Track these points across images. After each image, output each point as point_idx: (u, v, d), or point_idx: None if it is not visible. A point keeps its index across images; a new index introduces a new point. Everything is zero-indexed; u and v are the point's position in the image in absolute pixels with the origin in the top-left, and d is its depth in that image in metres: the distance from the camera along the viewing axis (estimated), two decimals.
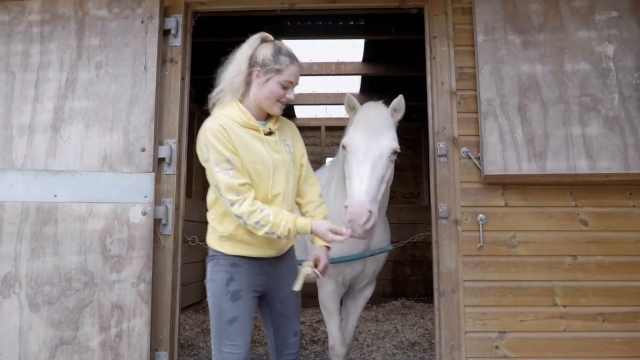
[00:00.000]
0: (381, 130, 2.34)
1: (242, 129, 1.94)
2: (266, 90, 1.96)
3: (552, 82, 2.78)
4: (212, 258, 2.02)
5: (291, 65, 1.97)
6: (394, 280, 6.53)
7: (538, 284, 2.72)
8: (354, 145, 2.32)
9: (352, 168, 2.26)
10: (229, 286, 1.94)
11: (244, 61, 1.98)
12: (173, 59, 2.90)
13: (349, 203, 2.09)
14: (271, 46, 1.99)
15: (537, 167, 2.69)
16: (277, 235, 1.88)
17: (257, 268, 1.99)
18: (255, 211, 1.86)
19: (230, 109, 1.98)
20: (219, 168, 1.88)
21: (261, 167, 1.94)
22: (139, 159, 2.72)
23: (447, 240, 2.77)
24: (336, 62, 5.65)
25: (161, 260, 2.74)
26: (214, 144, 1.89)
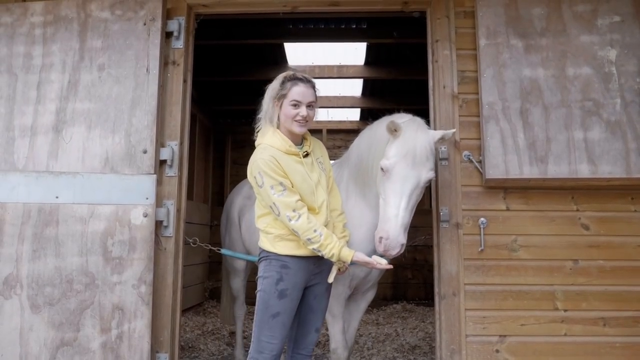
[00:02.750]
0: (423, 160, 2.36)
1: (286, 156, 2.25)
2: (283, 115, 2.28)
3: (554, 86, 2.77)
4: (265, 258, 2.29)
5: (294, 86, 2.25)
6: (394, 284, 6.51)
7: (539, 288, 2.71)
8: (394, 173, 2.35)
9: (389, 195, 2.33)
10: (278, 285, 2.21)
11: (269, 100, 2.32)
12: (175, 61, 2.90)
13: (384, 235, 2.26)
14: (280, 78, 2.30)
15: (538, 171, 2.68)
16: (322, 254, 2.20)
17: (304, 268, 2.26)
18: (310, 229, 2.17)
19: (273, 139, 2.28)
20: (274, 191, 2.19)
21: (305, 186, 2.25)
22: (141, 161, 2.72)
23: (448, 243, 2.76)
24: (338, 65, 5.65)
25: (162, 262, 2.74)
26: (267, 172, 2.19)
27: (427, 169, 2.38)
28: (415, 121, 2.50)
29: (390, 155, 2.38)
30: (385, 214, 2.32)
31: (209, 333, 4.97)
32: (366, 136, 2.72)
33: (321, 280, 2.34)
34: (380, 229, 2.31)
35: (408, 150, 2.36)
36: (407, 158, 2.35)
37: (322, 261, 2.33)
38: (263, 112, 2.34)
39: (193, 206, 5.75)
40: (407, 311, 6.01)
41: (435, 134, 2.46)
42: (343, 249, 2.21)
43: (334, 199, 2.46)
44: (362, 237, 2.64)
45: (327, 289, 2.39)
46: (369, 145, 2.63)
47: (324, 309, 2.39)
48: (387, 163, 2.37)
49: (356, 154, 2.73)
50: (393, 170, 2.35)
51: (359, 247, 2.47)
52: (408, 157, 2.35)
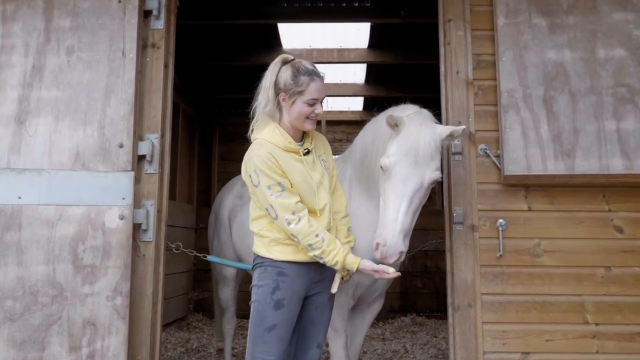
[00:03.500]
0: (426, 159, 2.35)
1: (285, 153, 2.26)
2: (294, 112, 2.27)
3: (583, 70, 2.76)
4: (260, 265, 2.30)
5: (312, 83, 2.26)
6: (402, 294, 6.51)
7: (566, 298, 2.70)
8: (394, 173, 2.35)
9: (389, 197, 2.35)
10: (274, 294, 2.22)
11: (270, 89, 2.28)
12: (155, 44, 2.88)
13: (381, 242, 2.28)
14: (290, 69, 2.27)
15: (564, 167, 2.67)
16: (324, 261, 2.21)
17: (303, 275, 2.27)
18: (311, 233, 2.18)
19: (272, 134, 2.28)
20: (272, 191, 2.19)
21: (306, 187, 2.26)
22: (116, 156, 2.70)
23: (463, 248, 2.75)
24: (338, 49, 5.63)
25: (141, 271, 2.72)
26: (263, 170, 2.20)
27: (432, 169, 2.37)
28: (421, 114, 2.49)
29: (391, 153, 2.38)
30: (384, 217, 2.33)
31: (194, 350, 4.95)
32: (371, 129, 2.72)
33: (323, 290, 2.34)
34: (377, 234, 2.31)
35: (410, 148, 2.35)
36: (409, 157, 2.34)
37: (324, 267, 2.33)
38: (262, 104, 2.31)
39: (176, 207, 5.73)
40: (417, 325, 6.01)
41: (442, 131, 2.44)
42: (348, 256, 2.22)
43: (337, 200, 2.47)
44: (368, 241, 2.63)
45: (330, 299, 2.39)
46: (373, 139, 2.63)
47: (326, 322, 2.39)
48: (386, 162, 2.37)
49: (360, 148, 2.73)
50: (393, 169, 2.35)
51: (365, 253, 2.47)
52: (410, 155, 2.34)
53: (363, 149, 2.71)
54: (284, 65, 2.29)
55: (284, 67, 2.29)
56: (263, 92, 2.31)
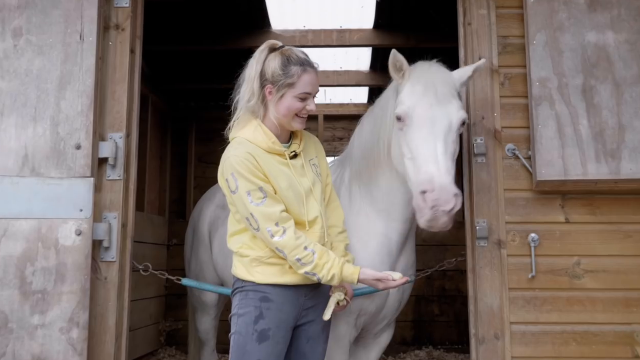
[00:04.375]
0: (447, 96, 2.44)
1: (268, 155, 2.27)
2: (282, 108, 2.28)
3: (629, 55, 2.79)
4: (240, 290, 2.30)
5: (304, 74, 2.27)
6: (416, 322, 6.50)
7: (612, 327, 2.70)
8: (416, 117, 2.40)
9: (418, 144, 2.36)
10: (257, 324, 2.21)
11: (256, 80, 2.29)
12: (119, 25, 2.90)
13: (428, 186, 2.23)
14: (279, 57, 2.28)
15: (608, 170, 2.69)
16: (317, 277, 2.20)
17: (292, 300, 2.27)
18: (299, 246, 2.18)
19: (254, 133, 2.30)
20: (252, 198, 2.20)
21: (292, 194, 2.27)
22: (72, 160, 2.70)
23: (488, 268, 2.76)
24: (338, 30, 5.63)
25: (102, 297, 2.72)
26: (242, 173, 2.20)
27: (456, 107, 2.43)
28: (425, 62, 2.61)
29: (405, 99, 2.44)
30: (420, 167, 2.31)
31: None
32: (368, 119, 2.78)
33: (316, 318, 2.35)
34: (419, 183, 2.28)
35: (426, 86, 2.43)
36: (428, 95, 2.41)
37: (317, 291, 2.34)
38: (244, 97, 2.33)
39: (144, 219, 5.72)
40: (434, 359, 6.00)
41: (458, 73, 2.56)
42: (345, 266, 2.22)
43: (333, 213, 2.49)
44: (371, 253, 2.64)
45: (325, 329, 2.40)
46: (372, 129, 2.69)
47: (320, 357, 2.39)
48: (403, 107, 2.42)
49: (359, 145, 2.77)
50: (414, 114, 2.40)
51: (381, 263, 2.47)
52: (428, 93, 2.41)
53: (362, 144, 2.74)
54: (272, 53, 2.31)
55: (272, 54, 2.30)
56: (247, 84, 2.32)
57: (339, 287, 2.34)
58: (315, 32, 5.62)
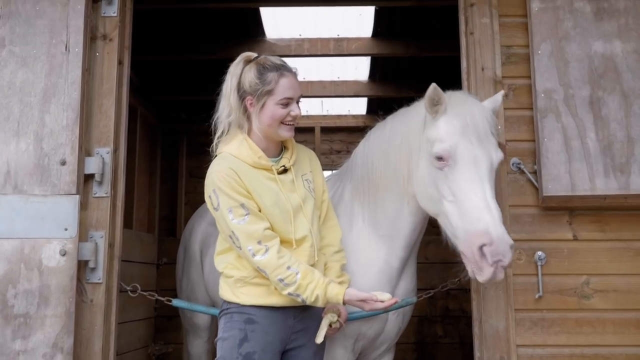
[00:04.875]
0: (487, 134, 2.41)
1: (254, 170, 2.29)
2: (265, 117, 2.31)
3: (637, 65, 2.81)
4: (225, 312, 2.32)
5: (282, 78, 2.30)
6: (419, 344, 6.47)
7: (623, 350, 2.70)
8: (460, 156, 2.35)
9: (464, 187, 2.32)
10: (241, 347, 2.22)
11: (232, 94, 2.34)
12: (107, 36, 2.90)
13: (486, 240, 2.19)
14: (254, 67, 2.33)
15: (617, 185, 2.69)
16: (302, 298, 2.19)
17: (278, 323, 2.28)
18: (281, 266, 2.18)
19: (239, 147, 2.32)
20: (233, 215, 2.22)
21: (278, 211, 2.28)
22: (57, 176, 2.70)
23: (493, 288, 2.75)
24: (336, 39, 5.66)
25: (87, 321, 2.71)
26: (223, 189, 2.23)
27: (495, 145, 2.42)
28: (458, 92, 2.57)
29: (444, 136, 2.37)
30: (469, 209, 2.27)
31: None
32: (379, 136, 2.74)
33: (307, 342, 2.34)
34: (473, 234, 2.23)
35: (466, 124, 2.38)
36: (469, 134, 2.37)
37: (306, 313, 2.33)
38: (224, 113, 2.36)
39: (133, 237, 5.70)
40: None
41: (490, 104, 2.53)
42: (330, 286, 2.20)
43: (330, 232, 2.49)
44: (371, 279, 2.63)
45: (317, 353, 2.39)
46: (385, 150, 2.65)
47: None
48: (444, 146, 2.36)
49: (363, 163, 2.75)
50: (456, 153, 2.35)
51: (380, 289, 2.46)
52: (469, 132, 2.37)
53: (367, 162, 2.73)
54: (247, 65, 2.36)
55: (247, 66, 2.35)
56: (224, 99, 2.37)
57: (332, 308, 2.33)
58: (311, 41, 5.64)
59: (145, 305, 6.03)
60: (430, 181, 2.44)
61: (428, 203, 2.49)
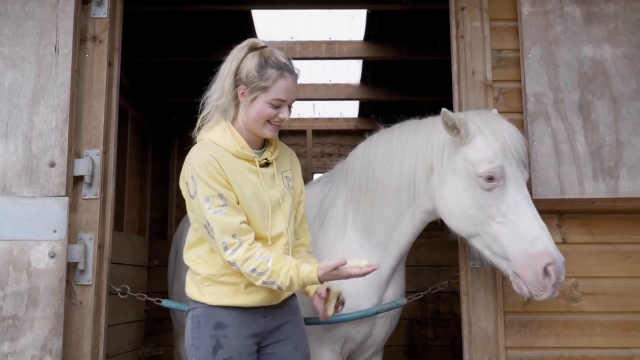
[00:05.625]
0: (520, 152, 2.47)
1: (235, 160, 2.23)
2: (253, 112, 2.24)
3: (626, 70, 2.82)
4: (192, 313, 2.27)
5: (280, 79, 2.22)
6: (409, 347, 6.47)
7: (611, 352, 2.71)
8: (508, 177, 2.39)
9: (520, 206, 2.35)
10: (216, 355, 2.16)
11: (228, 78, 2.25)
12: (96, 37, 2.90)
13: (549, 259, 2.24)
14: (257, 57, 2.24)
15: (606, 189, 2.71)
16: (277, 285, 2.12)
17: (249, 324, 2.22)
18: (251, 257, 2.11)
19: (222, 135, 2.26)
20: (210, 204, 2.15)
21: (256, 204, 2.22)
22: (46, 178, 2.69)
23: (482, 290, 2.76)
24: (327, 41, 5.67)
25: (76, 323, 2.69)
26: (202, 177, 2.16)
27: (525, 165, 2.47)
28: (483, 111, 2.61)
29: (491, 157, 2.38)
30: (526, 232, 2.30)
31: None
32: (382, 145, 2.70)
33: (283, 338, 2.29)
34: (534, 255, 2.26)
35: (505, 143, 2.41)
36: (508, 154, 2.40)
37: (276, 311, 2.29)
38: (213, 95, 2.30)
39: (123, 240, 5.68)
40: None
41: None
42: (302, 266, 2.13)
43: (304, 233, 2.47)
44: (359, 286, 2.61)
45: (299, 346, 2.32)
46: (392, 162, 2.62)
47: None
48: (493, 167, 2.37)
49: (362, 169, 2.72)
50: (505, 173, 2.38)
51: (357, 301, 2.44)
52: (507, 152, 2.40)
53: (369, 171, 2.70)
54: (251, 52, 2.27)
55: (251, 54, 2.27)
56: (219, 80, 2.29)
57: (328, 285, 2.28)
58: (303, 44, 5.65)
59: (136, 308, 6.01)
60: (471, 202, 2.41)
61: (465, 224, 2.46)
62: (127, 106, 5.96)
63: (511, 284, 2.73)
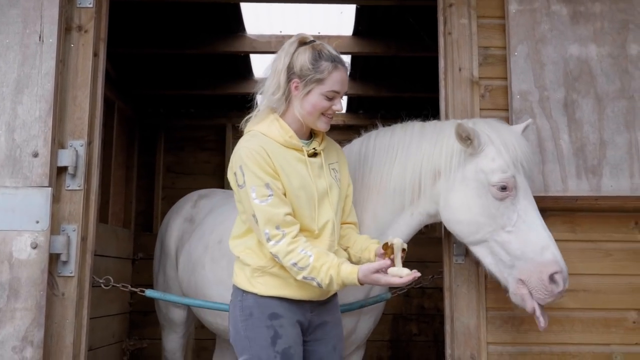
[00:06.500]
0: (529, 163, 2.51)
1: (284, 150, 2.25)
2: (308, 105, 2.26)
3: (611, 69, 2.84)
4: (241, 304, 2.24)
5: (335, 71, 2.25)
6: (393, 342, 6.50)
7: (591, 349, 2.73)
8: (519, 187, 2.43)
9: (528, 217, 2.40)
10: (276, 345, 2.15)
11: (283, 72, 2.27)
12: (82, 27, 2.88)
13: (557, 268, 2.30)
14: (310, 51, 2.27)
15: (589, 187, 2.73)
16: (317, 282, 2.12)
17: (299, 315, 2.22)
18: (293, 250, 2.11)
19: (270, 126, 2.28)
20: (256, 194, 2.15)
21: (304, 194, 2.22)
22: (29, 168, 2.68)
23: (465, 286, 2.78)
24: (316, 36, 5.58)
25: (59, 314, 2.69)
26: (250, 166, 2.17)
27: (529, 175, 2.50)
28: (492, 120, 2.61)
29: (504, 167, 2.41)
30: (535, 241, 2.35)
31: None
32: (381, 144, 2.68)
33: (324, 336, 2.31)
34: (542, 264, 2.31)
35: (516, 154, 2.44)
36: (518, 166, 2.44)
37: (323, 307, 2.30)
38: (269, 90, 2.30)
39: (108, 232, 5.65)
40: None
41: (518, 129, 2.58)
42: (343, 265, 2.12)
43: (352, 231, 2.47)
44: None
45: (337, 347, 2.33)
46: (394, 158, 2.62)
47: None
48: (506, 177, 2.40)
49: (357, 165, 2.70)
50: (517, 184, 2.42)
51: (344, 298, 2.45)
52: (517, 162, 2.44)
53: (366, 168, 2.67)
54: (302, 47, 2.29)
55: (302, 48, 2.28)
56: (273, 76, 2.30)
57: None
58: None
59: (120, 301, 6.00)
60: (481, 210, 2.43)
61: (472, 231, 2.47)
62: (114, 98, 5.92)
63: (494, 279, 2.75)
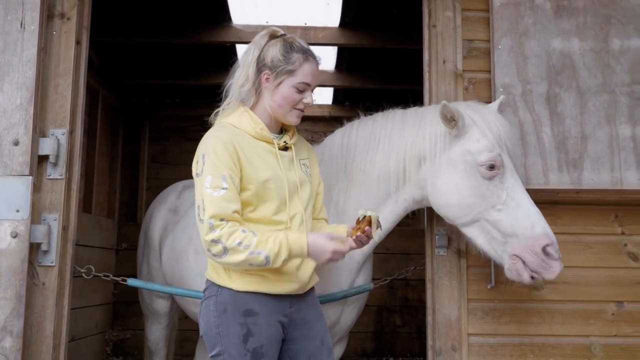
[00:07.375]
0: (513, 142, 2.59)
1: (254, 141, 2.22)
2: (278, 97, 2.25)
3: (594, 63, 2.86)
4: (215, 297, 2.17)
5: (306, 63, 2.25)
6: (377, 334, 6.54)
7: (570, 340, 2.77)
8: (506, 165, 2.47)
9: (518, 193, 2.45)
10: (247, 343, 2.09)
11: (252, 65, 2.26)
12: (64, 14, 2.85)
13: (548, 240, 2.34)
14: (281, 43, 2.27)
15: (570, 180, 2.76)
16: (265, 255, 2.04)
17: (277, 312, 2.17)
18: (236, 231, 2.05)
19: (240, 117, 2.26)
20: (210, 184, 2.09)
21: (274, 186, 2.18)
22: (9, 157, 2.65)
23: (447, 277, 2.79)
24: (302, 27, 5.64)
25: (39, 304, 2.67)
26: (212, 156, 2.11)
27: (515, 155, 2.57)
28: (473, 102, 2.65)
29: (490, 146, 2.45)
30: (525, 217, 2.39)
31: None
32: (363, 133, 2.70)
33: (312, 333, 2.26)
34: (535, 237, 2.34)
35: (499, 133, 2.48)
36: (502, 145, 2.48)
37: (303, 302, 2.25)
38: (238, 82, 2.28)
39: (92, 222, 5.62)
40: None
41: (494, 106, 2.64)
42: (289, 234, 2.09)
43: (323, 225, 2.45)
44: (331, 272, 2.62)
45: (325, 338, 2.30)
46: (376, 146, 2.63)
47: None
48: (493, 155, 2.44)
49: (340, 156, 2.71)
50: (504, 163, 2.46)
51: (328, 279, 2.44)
52: (501, 141, 2.48)
53: (349, 158, 2.68)
54: (273, 40, 2.29)
55: (273, 40, 2.28)
56: (242, 68, 2.28)
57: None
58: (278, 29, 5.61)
59: (103, 291, 5.98)
60: (470, 191, 2.45)
61: (463, 213, 2.48)
62: (98, 86, 5.88)
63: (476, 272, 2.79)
